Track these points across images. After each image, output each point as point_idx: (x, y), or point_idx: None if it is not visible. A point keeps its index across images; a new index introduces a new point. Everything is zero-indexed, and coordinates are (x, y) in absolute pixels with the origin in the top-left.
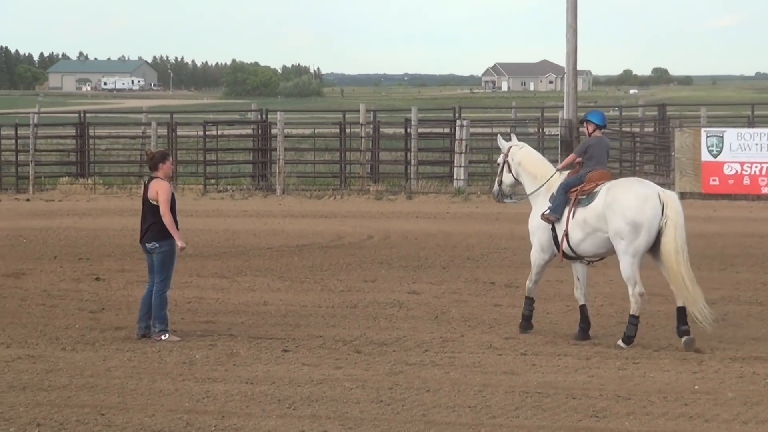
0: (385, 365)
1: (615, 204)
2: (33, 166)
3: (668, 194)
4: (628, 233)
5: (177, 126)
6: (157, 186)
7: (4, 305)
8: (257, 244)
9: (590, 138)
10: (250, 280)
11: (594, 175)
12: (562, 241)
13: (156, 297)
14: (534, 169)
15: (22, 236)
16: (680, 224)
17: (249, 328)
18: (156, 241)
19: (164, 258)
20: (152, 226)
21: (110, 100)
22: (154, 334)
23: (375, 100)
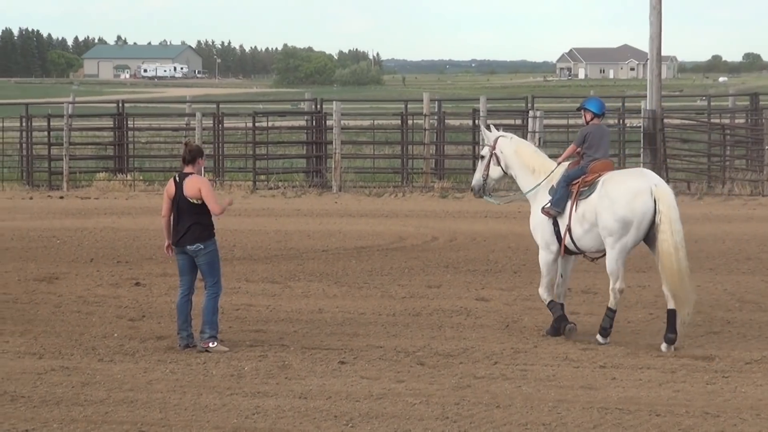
0: (451, 378)
1: (605, 198)
2: (67, 161)
3: (662, 188)
4: (618, 230)
5: (224, 117)
6: (197, 182)
7: (37, 312)
8: (311, 246)
9: (588, 126)
10: (304, 286)
11: (596, 165)
12: (564, 236)
13: (209, 301)
14: (530, 161)
15: (55, 237)
16: (674, 219)
17: (302, 338)
18: (200, 242)
19: (211, 259)
20: (193, 227)
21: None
22: (202, 340)
23: (439, 89)
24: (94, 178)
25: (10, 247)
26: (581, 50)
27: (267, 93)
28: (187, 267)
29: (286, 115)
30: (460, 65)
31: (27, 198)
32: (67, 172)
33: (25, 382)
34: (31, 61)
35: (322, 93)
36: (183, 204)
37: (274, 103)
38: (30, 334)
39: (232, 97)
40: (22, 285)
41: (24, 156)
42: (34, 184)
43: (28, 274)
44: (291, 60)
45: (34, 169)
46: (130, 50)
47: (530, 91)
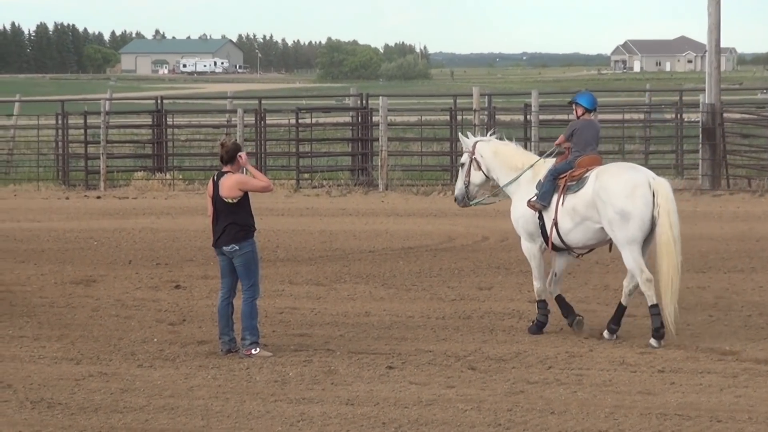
0: (504, 384)
1: (603, 192)
2: (104, 160)
3: (659, 181)
4: (618, 222)
5: (266, 113)
6: (232, 181)
7: (74, 316)
8: (357, 247)
9: (578, 121)
10: (350, 288)
11: (584, 160)
12: (551, 231)
13: (246, 305)
14: (513, 160)
15: (92, 238)
16: (672, 212)
17: (349, 342)
18: (235, 243)
19: (248, 261)
20: (229, 227)
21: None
22: (243, 347)
23: (489, 83)
24: (132, 178)
25: (46, 248)
26: (636, 42)
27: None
28: (227, 269)
29: (330, 111)
30: (511, 58)
31: (63, 198)
32: (104, 171)
33: (62, 389)
34: (66, 57)
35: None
36: (219, 204)
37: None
38: (67, 338)
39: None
40: (59, 288)
41: (60, 155)
42: (70, 184)
43: (64, 276)
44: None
45: (70, 168)
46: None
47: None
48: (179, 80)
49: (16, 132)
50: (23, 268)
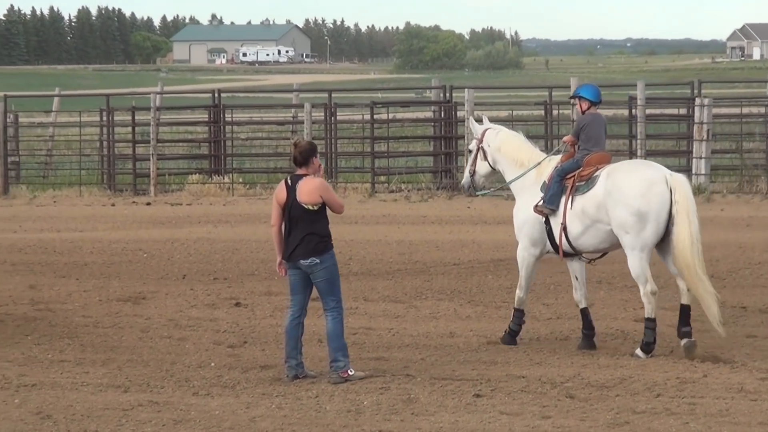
0: (606, 414)
1: (616, 191)
2: (155, 161)
3: (677, 177)
4: (634, 224)
5: (336, 108)
6: (313, 185)
7: (121, 338)
8: (440, 259)
9: (585, 116)
10: (432, 306)
11: (593, 158)
12: (560, 236)
13: (334, 324)
14: (518, 155)
15: (141, 250)
16: (692, 211)
17: (431, 367)
18: (315, 256)
19: (331, 275)
20: (308, 238)
21: (251, 75)
22: (337, 370)
23: (589, 73)
24: (185, 181)
25: (89, 261)
26: (756, 26)
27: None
28: (299, 285)
29: (409, 105)
30: (614, 45)
31: (108, 205)
32: (154, 175)
33: (108, 420)
34: (112, 45)
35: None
36: (296, 211)
37: (396, 92)
38: (113, 363)
39: (346, 84)
40: (104, 306)
41: (105, 156)
42: (116, 189)
43: (110, 293)
44: (415, 41)
45: (116, 171)
46: (227, 31)
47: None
48: (239, 71)
49: (55, 130)
50: (64, 284)
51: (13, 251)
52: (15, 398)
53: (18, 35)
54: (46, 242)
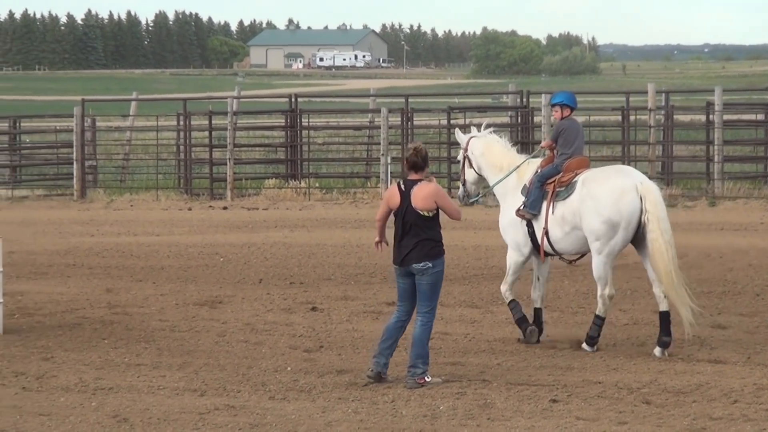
0: (683, 420)
1: (589, 199)
2: (231, 166)
3: (647, 185)
4: (605, 232)
5: (413, 113)
6: (430, 191)
7: (198, 342)
8: None
9: (562, 121)
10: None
11: (571, 163)
12: (542, 240)
13: (423, 330)
14: (498, 160)
15: (218, 254)
16: (663, 217)
17: (507, 372)
18: (429, 260)
19: (437, 280)
20: (422, 243)
21: (328, 80)
22: (414, 375)
23: (666, 79)
24: (262, 186)
25: (166, 266)
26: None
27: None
28: (409, 292)
29: (486, 110)
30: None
31: (185, 209)
32: (231, 179)
33: (184, 424)
34: (189, 50)
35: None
36: (411, 216)
37: (472, 97)
38: (190, 367)
39: (422, 89)
40: (181, 310)
41: (181, 160)
42: (193, 193)
43: (187, 297)
44: (491, 46)
45: (193, 175)
46: (304, 36)
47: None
48: (315, 76)
49: (132, 134)
50: (141, 288)
51: (91, 255)
52: (92, 401)
53: (95, 39)
54: (123, 246)
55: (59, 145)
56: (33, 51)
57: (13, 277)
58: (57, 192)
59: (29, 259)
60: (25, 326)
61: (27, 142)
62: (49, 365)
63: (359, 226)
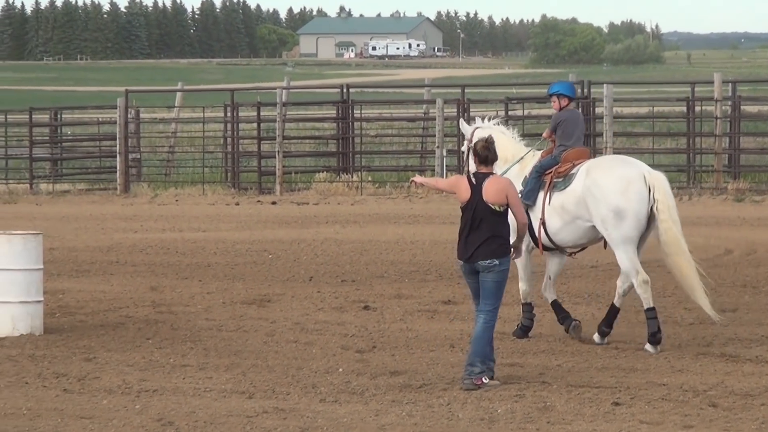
0: (751, 424)
1: (595, 188)
2: (280, 159)
3: (655, 175)
4: (612, 220)
5: (470, 104)
6: (502, 185)
7: (245, 342)
8: (578, 261)
9: (561, 112)
10: (570, 309)
11: (570, 154)
12: (539, 231)
13: (484, 329)
14: (503, 152)
15: (267, 251)
16: (673, 206)
17: (567, 374)
18: (496, 258)
19: (503, 279)
20: (491, 240)
21: (380, 70)
22: (472, 375)
23: (733, 68)
24: (312, 180)
25: (213, 263)
26: None
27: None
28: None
29: (545, 101)
30: (759, 39)
31: (232, 204)
32: (280, 173)
33: (232, 427)
34: (236, 39)
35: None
36: (481, 211)
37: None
38: (237, 368)
39: (479, 79)
40: (228, 309)
41: (229, 153)
42: (240, 187)
43: (234, 295)
44: (551, 34)
45: (240, 168)
46: (356, 24)
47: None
48: (368, 65)
49: (178, 126)
50: (186, 286)
51: (134, 252)
52: (136, 404)
53: (140, 28)
54: (168, 242)
55: (102, 137)
56: (75, 40)
57: (54, 274)
58: (99, 186)
59: (71, 256)
60: (67, 326)
61: (68, 135)
62: (91, 366)
63: (413, 221)
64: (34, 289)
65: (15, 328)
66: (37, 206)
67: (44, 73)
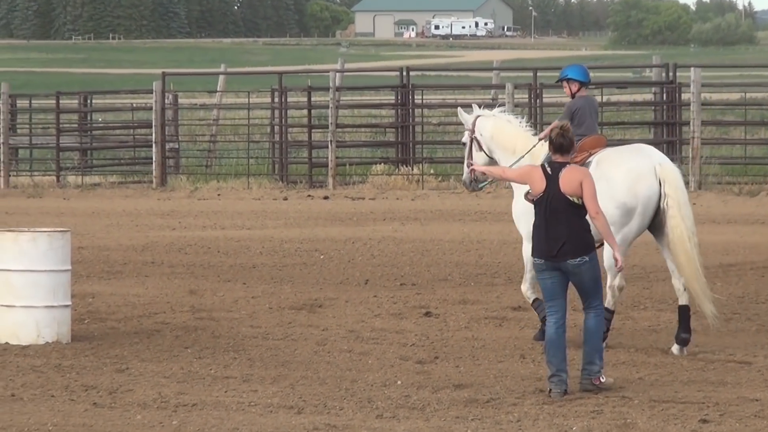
0: None
1: (603, 182)
2: (333, 149)
3: (667, 167)
4: (619, 218)
5: (543, 89)
6: (580, 175)
7: (294, 351)
8: (659, 263)
9: (576, 99)
10: (652, 317)
11: (586, 142)
12: None
13: (598, 321)
14: (511, 142)
15: (318, 251)
16: (684, 202)
17: (650, 387)
18: (585, 255)
19: (597, 271)
20: (575, 235)
21: (444, 51)
22: (591, 375)
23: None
24: (369, 172)
25: (258, 264)
26: None
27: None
28: (560, 287)
29: (626, 86)
30: None
31: (280, 198)
32: (333, 164)
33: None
34: (285, 16)
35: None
36: (559, 203)
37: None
38: (285, 380)
39: (553, 62)
40: (275, 315)
41: (276, 143)
42: (289, 180)
43: (282, 300)
44: (632, 12)
45: (289, 160)
46: (416, 1)
47: None
48: (430, 46)
49: (220, 113)
50: (229, 289)
51: (172, 251)
52: (173, 419)
53: (178, 4)
54: (209, 241)
55: (136, 125)
56: (106, 17)
57: (83, 276)
58: (133, 179)
59: (101, 256)
60: (97, 333)
61: (99, 122)
62: (123, 378)
63: (480, 218)
64: (61, 293)
65: (40, 336)
66: (64, 201)
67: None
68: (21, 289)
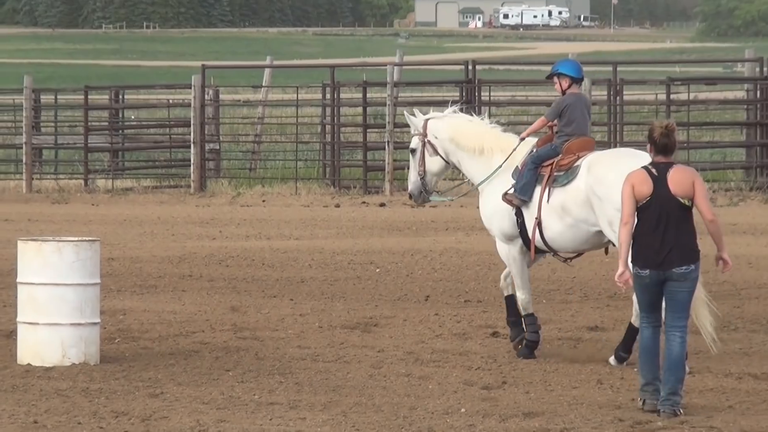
0: None
1: (599, 187)
2: (390, 151)
3: None
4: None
5: (623, 85)
6: (690, 176)
7: (347, 375)
8: (754, 279)
9: (566, 96)
10: (744, 339)
11: (573, 144)
12: (533, 232)
13: (682, 347)
14: (476, 141)
15: (373, 264)
16: None
17: (741, 417)
18: (692, 263)
19: (695, 285)
20: (684, 242)
21: (514, 43)
22: (675, 405)
23: None
24: None
25: (307, 278)
26: None
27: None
28: (659, 299)
29: (716, 82)
30: None
31: (332, 205)
32: (390, 168)
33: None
34: (337, 4)
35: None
36: (669, 206)
37: (698, 65)
38: (337, 407)
39: (634, 55)
40: (326, 335)
41: (327, 143)
42: (342, 186)
43: (333, 318)
44: (723, 1)
45: (342, 163)
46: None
47: None
48: (498, 37)
49: (266, 110)
50: (275, 306)
51: (212, 263)
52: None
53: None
54: (253, 253)
55: (172, 123)
56: (140, 4)
57: (113, 290)
58: (169, 183)
59: (134, 269)
60: (128, 353)
61: (132, 120)
62: (158, 403)
63: None
64: (89, 309)
65: (65, 356)
66: (93, 207)
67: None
68: (45, 304)
